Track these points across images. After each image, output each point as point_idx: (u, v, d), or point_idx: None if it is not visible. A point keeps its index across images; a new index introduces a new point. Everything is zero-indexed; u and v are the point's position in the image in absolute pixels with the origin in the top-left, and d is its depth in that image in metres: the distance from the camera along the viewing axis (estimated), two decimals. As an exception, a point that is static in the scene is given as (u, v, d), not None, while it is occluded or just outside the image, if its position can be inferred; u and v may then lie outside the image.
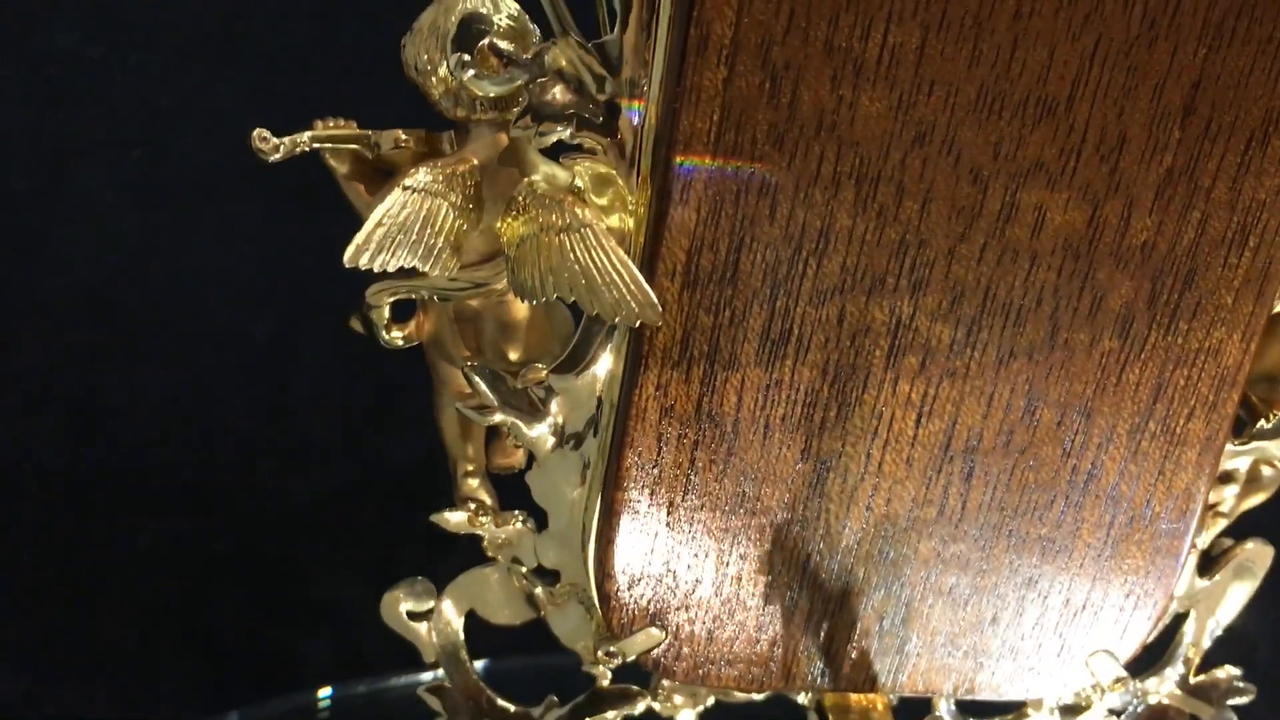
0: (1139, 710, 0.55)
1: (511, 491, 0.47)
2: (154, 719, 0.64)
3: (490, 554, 0.48)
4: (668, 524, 0.43)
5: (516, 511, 0.47)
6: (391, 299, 0.43)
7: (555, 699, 0.51)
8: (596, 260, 0.38)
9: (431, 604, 0.49)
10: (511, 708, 0.51)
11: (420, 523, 0.45)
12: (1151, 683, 0.54)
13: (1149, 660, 0.55)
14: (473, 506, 0.46)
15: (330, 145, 0.41)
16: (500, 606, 0.49)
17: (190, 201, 0.71)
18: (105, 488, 0.72)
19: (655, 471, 0.42)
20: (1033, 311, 0.41)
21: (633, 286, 0.38)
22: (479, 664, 0.50)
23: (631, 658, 0.46)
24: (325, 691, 0.62)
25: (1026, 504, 0.45)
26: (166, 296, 0.71)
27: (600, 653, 0.46)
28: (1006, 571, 0.46)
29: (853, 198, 0.39)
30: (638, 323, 0.38)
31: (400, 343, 0.46)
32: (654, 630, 0.45)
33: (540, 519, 0.46)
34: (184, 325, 0.72)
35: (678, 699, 0.51)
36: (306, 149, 0.40)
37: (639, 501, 0.43)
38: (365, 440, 0.75)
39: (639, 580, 0.44)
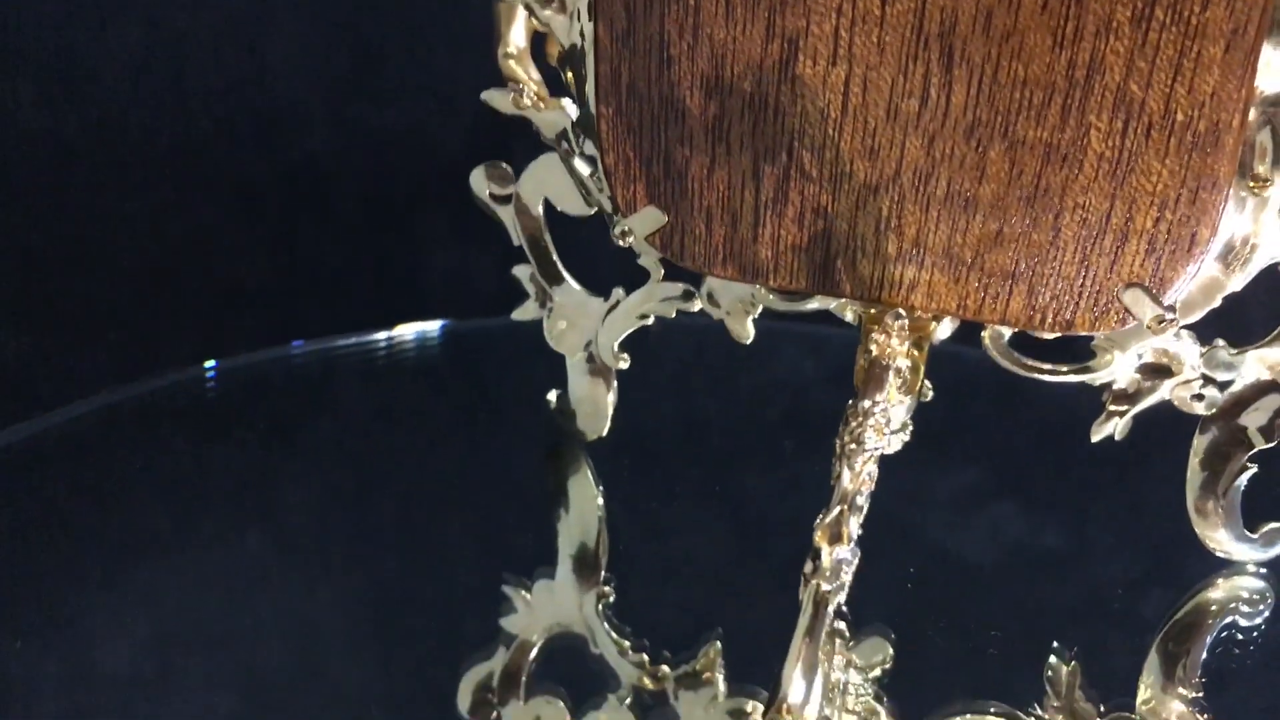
0: (1249, 383, 0.49)
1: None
2: (149, 373, 0.65)
3: (545, 138, 0.52)
4: (651, 100, 0.45)
5: (563, 99, 0.51)
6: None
7: (622, 290, 0.55)
8: None
9: (512, 189, 0.55)
10: (583, 289, 0.56)
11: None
12: (1260, 354, 0.48)
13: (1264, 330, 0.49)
14: (517, 88, 0.50)
15: None
16: (568, 195, 0.53)
17: None
18: (87, 152, 0.72)
19: (631, 44, 0.44)
20: None
21: None
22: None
23: (641, 235, 0.48)
24: (297, 342, 0.67)
25: (1019, 101, 0.41)
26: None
27: (615, 232, 0.49)
28: (1007, 180, 0.43)
29: None
30: None
31: None
32: (654, 209, 0.47)
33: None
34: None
35: (727, 307, 0.53)
36: None
37: (623, 74, 0.45)
38: (346, 107, 0.74)
39: (634, 158, 0.47)
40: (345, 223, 0.75)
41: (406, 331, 0.68)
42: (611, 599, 0.53)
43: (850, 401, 0.42)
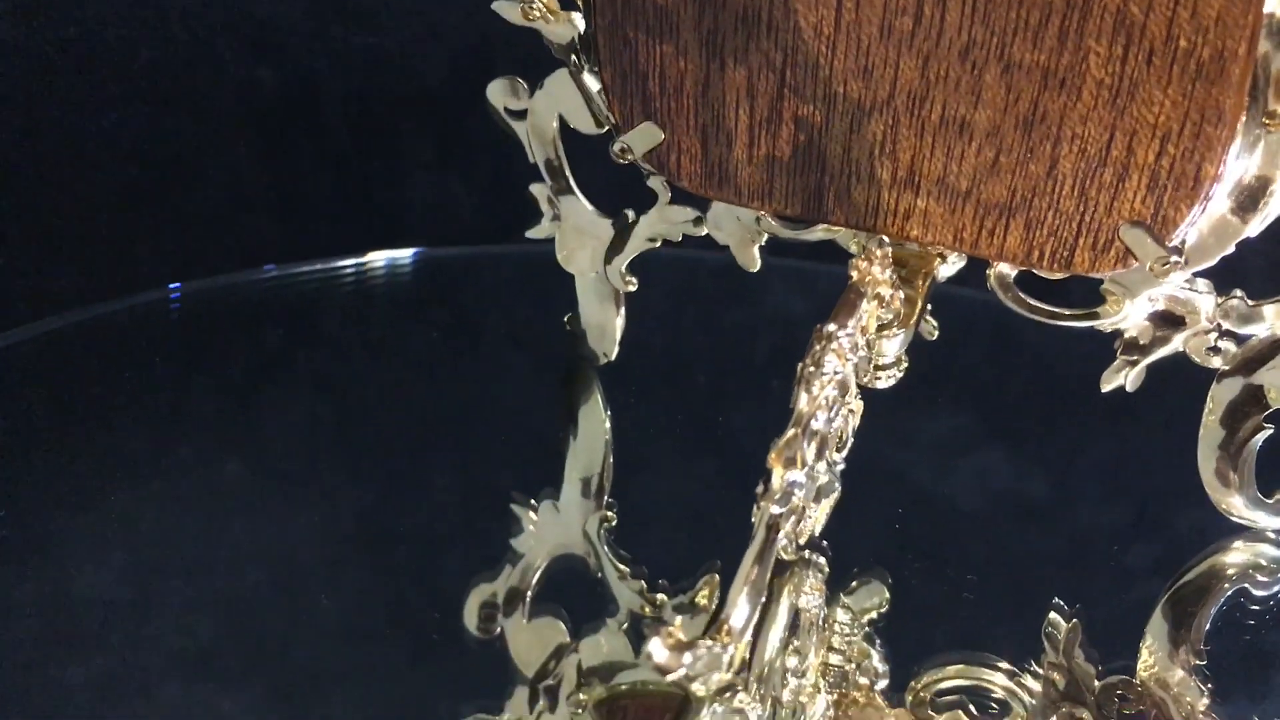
0: (1265, 339, 0.47)
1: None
2: (123, 292, 0.64)
3: (555, 52, 0.51)
4: (646, 12, 0.44)
5: (573, 13, 0.50)
6: None
7: (631, 212, 0.55)
8: None
9: (526, 104, 0.54)
10: (594, 209, 0.55)
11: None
12: (1277, 308, 0.46)
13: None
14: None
15: None
16: (580, 113, 0.53)
17: None
18: (63, 67, 0.70)
19: (626, -49, 0.43)
20: None
21: None
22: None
23: (639, 152, 0.48)
24: (269, 266, 0.66)
25: (1015, 21, 0.40)
26: None
27: (615, 149, 0.48)
28: (1003, 105, 0.41)
29: None
30: None
31: None
32: (651, 125, 0.47)
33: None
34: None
35: (731, 233, 0.52)
36: None
37: (619, -13, 0.44)
38: (329, 29, 0.71)
39: (631, 72, 0.46)
40: (323, 146, 0.74)
41: (378, 258, 0.68)
42: (614, 523, 0.53)
43: (817, 325, 0.41)
